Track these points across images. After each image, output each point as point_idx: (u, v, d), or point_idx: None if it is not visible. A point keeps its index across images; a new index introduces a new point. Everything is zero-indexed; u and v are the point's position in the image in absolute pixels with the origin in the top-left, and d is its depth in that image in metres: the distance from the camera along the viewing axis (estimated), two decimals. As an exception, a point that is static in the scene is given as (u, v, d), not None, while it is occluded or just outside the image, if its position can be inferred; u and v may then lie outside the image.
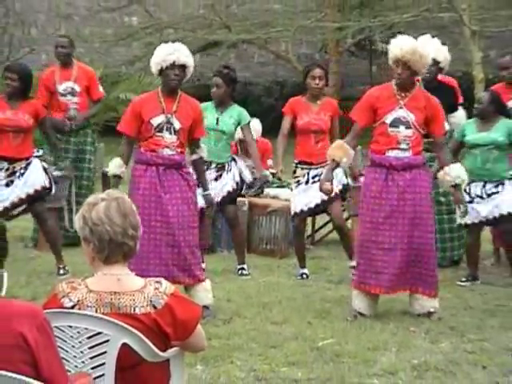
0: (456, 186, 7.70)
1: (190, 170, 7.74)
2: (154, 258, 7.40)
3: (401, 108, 7.52)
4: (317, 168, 8.90)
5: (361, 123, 7.65)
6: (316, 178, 8.83)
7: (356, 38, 15.33)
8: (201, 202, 7.99)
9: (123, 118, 7.63)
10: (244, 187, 9.52)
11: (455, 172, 7.63)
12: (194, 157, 7.73)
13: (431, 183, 8.20)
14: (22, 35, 18.12)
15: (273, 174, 10.74)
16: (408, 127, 7.49)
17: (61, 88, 10.05)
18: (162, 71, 7.47)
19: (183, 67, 7.44)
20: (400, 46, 7.42)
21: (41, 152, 9.65)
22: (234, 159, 9.46)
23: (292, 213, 9.19)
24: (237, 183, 9.27)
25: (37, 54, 16.12)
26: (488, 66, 14.96)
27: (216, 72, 9.32)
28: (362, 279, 7.64)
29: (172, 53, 7.43)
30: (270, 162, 11.38)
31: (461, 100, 9.52)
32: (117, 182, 7.52)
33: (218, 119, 9.07)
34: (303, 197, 9.02)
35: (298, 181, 9.08)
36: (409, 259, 7.54)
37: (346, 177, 9.18)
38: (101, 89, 10.44)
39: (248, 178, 9.47)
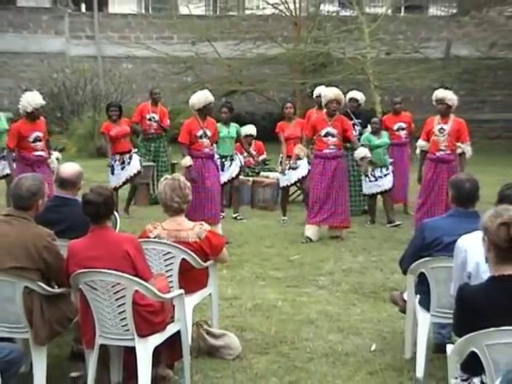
0: (362, 159, 7.68)
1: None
2: (201, 208, 7.26)
3: (329, 126, 7.52)
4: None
5: (308, 135, 7.71)
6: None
7: (311, 88, 15.24)
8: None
9: (181, 135, 7.45)
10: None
11: (360, 152, 7.67)
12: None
13: (348, 166, 8.39)
14: (128, 88, 17.97)
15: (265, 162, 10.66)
16: (333, 137, 7.50)
17: (149, 116, 9.87)
18: (205, 107, 7.35)
19: (211, 102, 7.37)
20: (333, 92, 7.55)
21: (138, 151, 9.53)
22: (236, 153, 9.08)
23: (281, 185, 8.82)
24: (240, 167, 9.12)
25: (136, 98, 16.10)
26: (383, 105, 14.98)
27: (224, 104, 9.18)
28: (312, 218, 7.67)
29: (207, 97, 7.34)
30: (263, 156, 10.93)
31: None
32: (189, 170, 7.23)
33: (228, 131, 8.72)
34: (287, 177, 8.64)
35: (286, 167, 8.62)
36: (334, 207, 7.59)
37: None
38: (168, 121, 10.10)
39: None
